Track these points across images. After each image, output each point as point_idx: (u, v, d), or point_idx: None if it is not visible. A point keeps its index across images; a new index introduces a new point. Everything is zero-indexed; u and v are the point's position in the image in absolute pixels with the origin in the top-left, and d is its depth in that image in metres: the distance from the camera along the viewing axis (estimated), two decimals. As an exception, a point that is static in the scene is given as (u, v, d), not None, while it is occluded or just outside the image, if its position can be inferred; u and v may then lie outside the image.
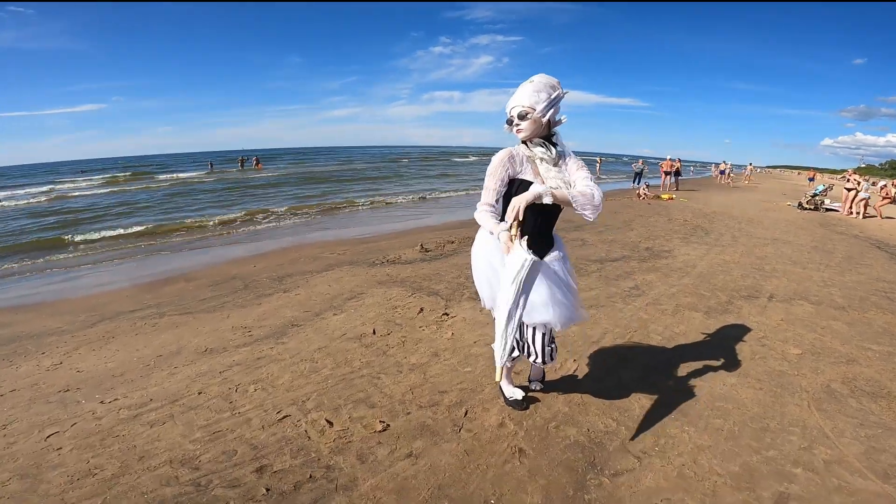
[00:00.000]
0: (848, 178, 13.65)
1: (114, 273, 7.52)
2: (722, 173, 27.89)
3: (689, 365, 3.05)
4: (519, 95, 1.98)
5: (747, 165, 31.12)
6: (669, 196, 15.00)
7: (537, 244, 2.11)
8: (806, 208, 13.32)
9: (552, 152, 2.00)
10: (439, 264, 5.78)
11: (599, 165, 30.28)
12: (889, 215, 12.31)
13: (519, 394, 2.56)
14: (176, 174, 33.01)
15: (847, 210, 12.71)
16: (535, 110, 1.95)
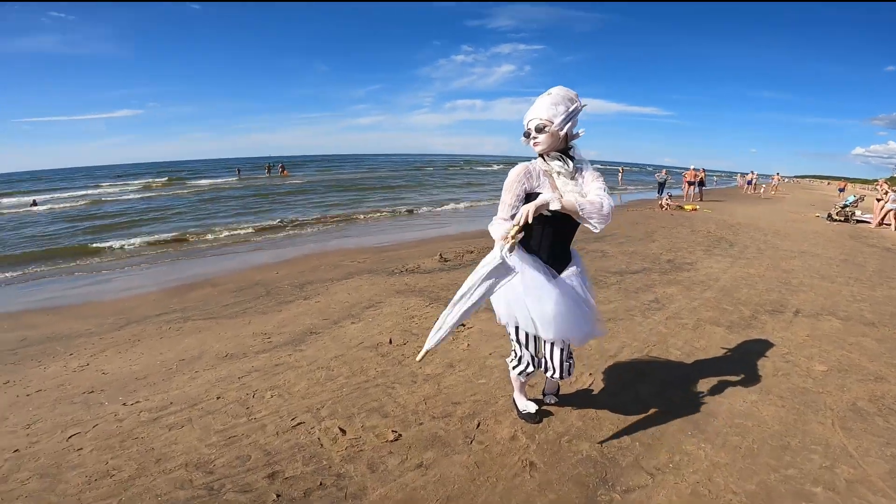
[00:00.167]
0: (878, 188, 13.19)
1: (143, 277, 7.75)
2: (749, 183, 27.28)
3: (709, 381, 2.99)
4: (536, 108, 1.97)
5: (774, 175, 30.39)
6: (693, 207, 14.73)
7: (555, 259, 2.11)
8: (836, 220, 12.91)
9: (569, 166, 1.99)
10: (458, 274, 5.79)
11: (622, 175, 29.96)
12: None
13: (532, 407, 2.55)
14: (207, 180, 34.00)
15: (878, 222, 12.28)
16: (553, 123, 1.94)
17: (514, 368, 2.34)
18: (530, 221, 1.78)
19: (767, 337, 3.77)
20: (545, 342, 2.19)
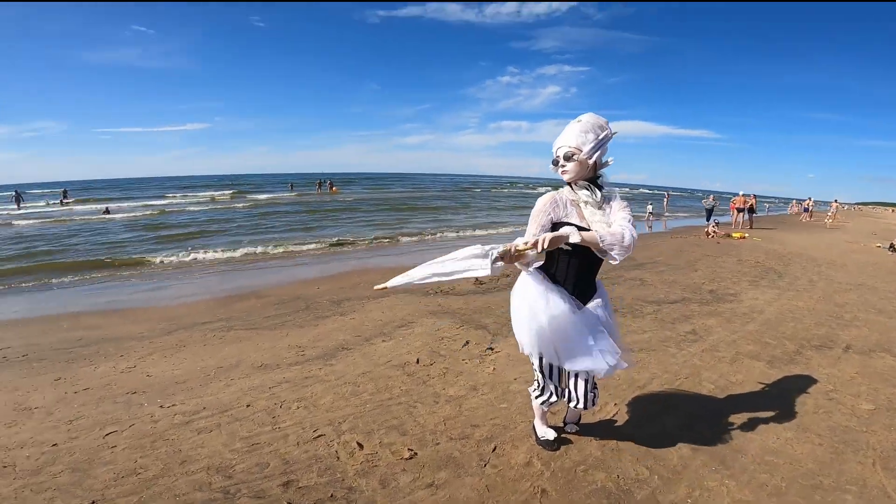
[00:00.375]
0: None
1: (197, 286, 8.14)
2: (805, 211, 25.95)
3: (742, 416, 2.87)
4: (566, 135, 1.98)
5: (832, 202, 28.77)
6: (741, 235, 14.06)
7: (580, 290, 2.10)
8: (899, 251, 12.02)
9: (597, 195, 1.98)
10: (491, 298, 5.80)
11: (667, 201, 29.07)
12: None
13: (551, 434, 2.52)
14: (265, 195, 35.79)
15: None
16: (582, 151, 1.93)
17: (537, 398, 2.34)
18: (544, 248, 1.79)
19: (811, 373, 3.58)
20: (569, 373, 2.18)
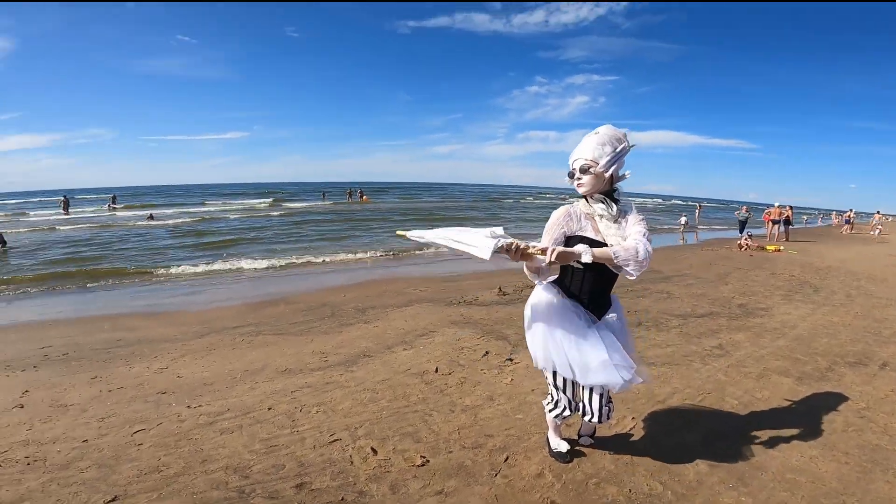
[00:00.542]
0: None
1: (230, 290, 8.41)
2: (847, 223, 24.92)
3: (765, 433, 2.78)
4: (582, 148, 1.97)
5: (875, 214, 27.51)
6: (776, 248, 13.57)
7: (595, 305, 2.11)
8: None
9: (612, 209, 1.97)
10: (514, 309, 5.79)
11: (699, 212, 28.38)
12: None
13: (564, 446, 2.50)
14: (302, 203, 37.22)
15: None
16: (598, 164, 1.93)
17: (551, 411, 2.33)
18: (552, 260, 1.80)
19: (843, 390, 3.45)
20: (584, 387, 2.17)
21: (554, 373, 2.17)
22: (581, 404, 2.23)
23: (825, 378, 3.69)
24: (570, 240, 1.99)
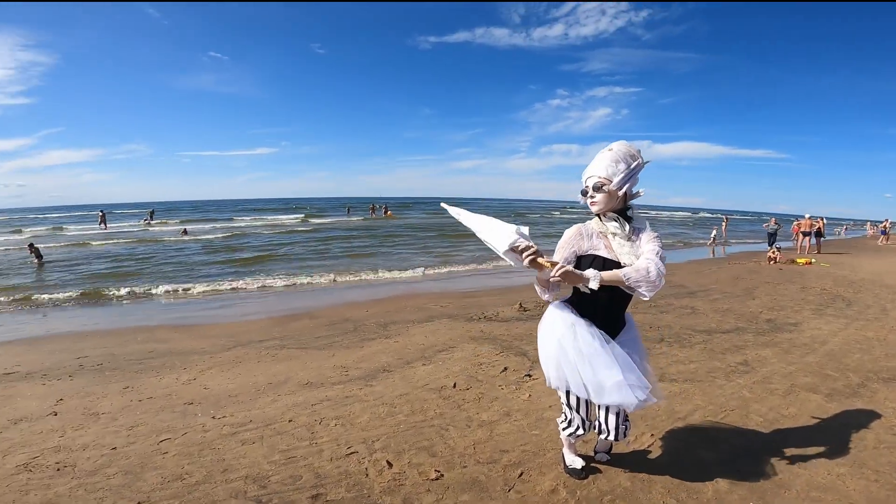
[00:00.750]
0: None
1: (259, 304, 8.62)
2: (883, 233, 23.95)
3: (790, 450, 2.72)
4: (596, 165, 1.95)
5: None
6: (807, 261, 13.11)
7: (609, 324, 2.09)
8: None
9: (626, 227, 1.96)
10: (534, 325, 5.73)
11: (726, 225, 27.49)
12: None
13: (579, 463, 2.48)
14: (328, 218, 38.23)
15: None
16: (612, 182, 1.91)
17: (564, 430, 2.33)
18: (556, 276, 1.80)
19: (876, 407, 3.34)
20: (599, 406, 2.15)
21: (567, 392, 2.16)
22: (597, 422, 2.21)
23: (857, 394, 3.58)
24: (583, 258, 1.99)
